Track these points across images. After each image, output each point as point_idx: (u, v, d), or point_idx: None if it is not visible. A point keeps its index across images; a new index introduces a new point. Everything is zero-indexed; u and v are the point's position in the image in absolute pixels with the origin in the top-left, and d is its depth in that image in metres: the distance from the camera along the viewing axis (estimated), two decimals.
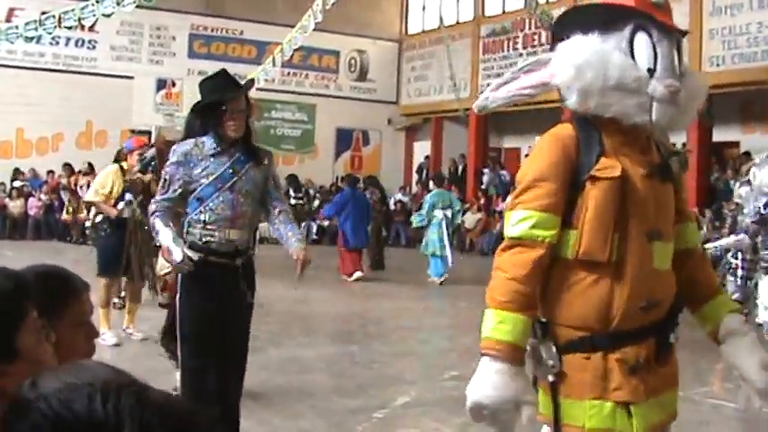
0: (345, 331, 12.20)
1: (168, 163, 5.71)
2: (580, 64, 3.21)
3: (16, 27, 20.66)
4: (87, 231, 11.83)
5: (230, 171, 5.63)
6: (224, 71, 5.94)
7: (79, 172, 25.27)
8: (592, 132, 3.25)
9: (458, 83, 25.90)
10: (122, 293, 10.98)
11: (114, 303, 10.88)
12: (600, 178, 3.13)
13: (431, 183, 22.18)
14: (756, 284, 10.38)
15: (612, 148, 3.22)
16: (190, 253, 5.47)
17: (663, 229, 3.25)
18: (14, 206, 24.97)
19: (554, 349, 3.18)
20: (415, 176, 31.15)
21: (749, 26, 20.33)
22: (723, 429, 7.43)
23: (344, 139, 30.26)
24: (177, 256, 5.46)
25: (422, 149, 31.26)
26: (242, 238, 5.70)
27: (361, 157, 30.73)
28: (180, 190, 5.63)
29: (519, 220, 3.19)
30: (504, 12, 27.52)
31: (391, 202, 26.95)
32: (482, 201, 27.24)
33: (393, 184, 28.48)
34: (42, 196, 25.37)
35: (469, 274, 17.51)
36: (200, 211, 5.60)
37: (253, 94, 24.69)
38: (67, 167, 25.87)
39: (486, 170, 28.02)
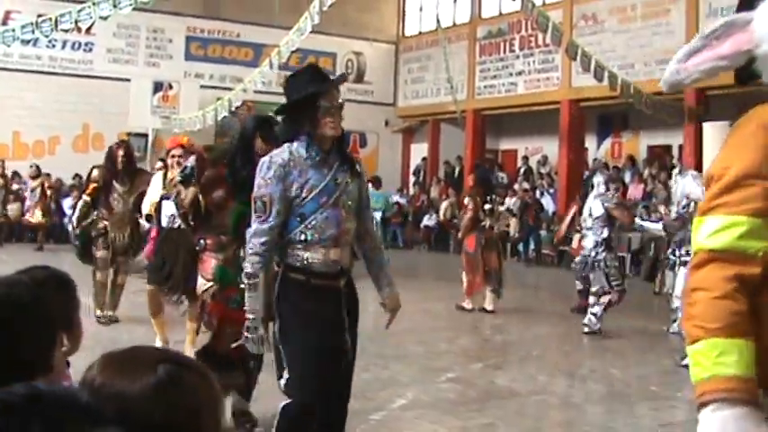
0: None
1: (262, 179, 4.88)
2: None
3: (13, 30, 20.71)
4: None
5: (333, 183, 4.95)
6: (313, 65, 5.33)
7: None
8: None
9: (455, 85, 25.91)
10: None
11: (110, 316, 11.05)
12: None
13: (369, 184, 22.77)
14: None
15: None
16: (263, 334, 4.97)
17: None
18: (11, 209, 24.91)
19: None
20: (412, 178, 31.16)
21: None
22: None
23: None
24: (255, 333, 4.94)
25: (419, 151, 31.25)
26: (345, 257, 5.06)
27: (358, 159, 30.63)
28: (282, 212, 4.87)
29: (721, 227, 2.42)
30: (500, 14, 27.50)
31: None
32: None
33: (390, 186, 28.48)
34: None
35: None
36: (302, 231, 4.88)
37: (250, 96, 24.79)
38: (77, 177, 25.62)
39: None
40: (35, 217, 24.00)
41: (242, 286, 5.14)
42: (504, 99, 26.93)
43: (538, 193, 24.48)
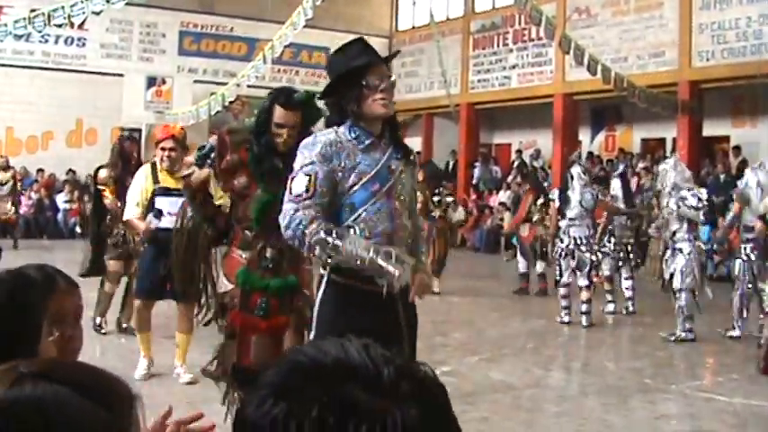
0: None
1: (306, 156, 4.29)
2: None
3: (5, 25, 20.67)
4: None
5: (386, 170, 4.37)
6: (361, 39, 4.73)
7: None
8: None
9: (448, 79, 25.91)
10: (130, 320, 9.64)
11: (125, 328, 10.07)
12: None
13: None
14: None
15: None
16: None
17: None
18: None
19: None
20: None
21: (738, 21, 20.38)
22: (714, 423, 7.44)
23: None
24: (400, 270, 4.16)
25: (413, 145, 30.77)
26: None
27: None
28: (327, 194, 4.25)
29: None
30: (494, 7, 27.54)
31: None
32: (473, 196, 27.27)
33: None
34: (33, 195, 25.31)
35: (461, 270, 17.51)
36: (350, 225, 4.26)
37: (243, 91, 24.79)
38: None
39: (476, 165, 28.08)
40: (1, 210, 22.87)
41: (266, 289, 4.93)
42: (498, 93, 26.98)
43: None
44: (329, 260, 4.21)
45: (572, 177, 12.47)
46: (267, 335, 5.38)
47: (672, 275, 11.19)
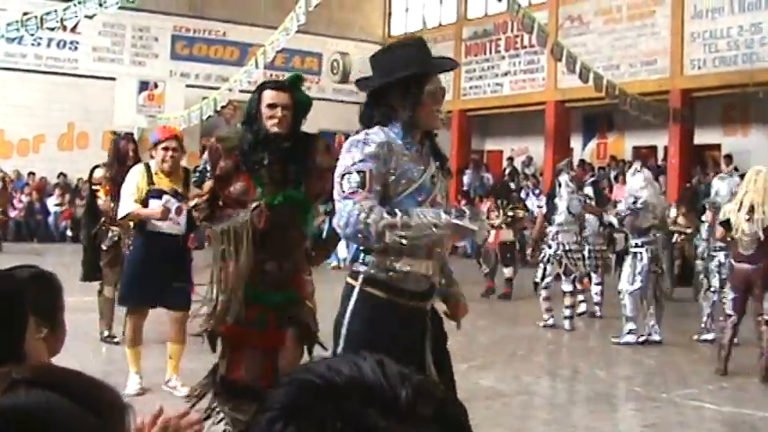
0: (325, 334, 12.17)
1: (359, 153, 4.04)
2: None
3: None
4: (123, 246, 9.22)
5: (430, 181, 4.17)
6: (420, 39, 4.51)
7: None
8: None
9: None
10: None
11: (109, 337, 9.80)
12: None
13: None
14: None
15: None
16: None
17: None
18: None
19: None
20: None
21: (730, 30, 20.44)
22: (703, 431, 7.46)
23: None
24: (479, 226, 4.02)
25: None
26: (437, 273, 4.25)
27: None
28: (379, 195, 4.00)
29: None
30: (486, 14, 27.56)
31: None
32: (463, 202, 27.23)
33: None
34: (23, 198, 25.26)
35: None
36: None
37: (235, 96, 24.76)
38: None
39: (467, 171, 28.06)
40: None
41: (266, 303, 4.78)
42: (490, 100, 27.00)
43: (523, 193, 24.46)
44: (404, 241, 3.91)
45: (560, 185, 12.75)
46: (260, 349, 5.23)
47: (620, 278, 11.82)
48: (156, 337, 8.90)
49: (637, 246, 11.48)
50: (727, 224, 9.70)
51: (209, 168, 5.46)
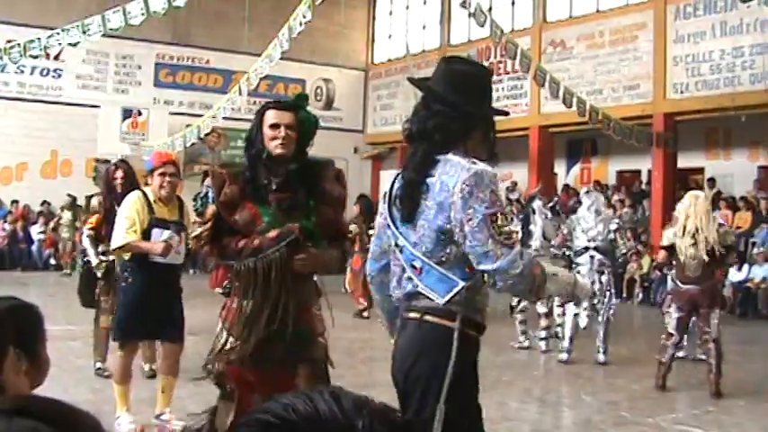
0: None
1: (499, 196, 3.85)
2: None
3: None
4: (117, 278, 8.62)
5: None
6: (490, 71, 4.37)
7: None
8: None
9: None
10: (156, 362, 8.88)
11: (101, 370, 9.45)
12: None
13: None
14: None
15: None
16: None
17: None
18: None
19: None
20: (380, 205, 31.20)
21: (712, 53, 20.57)
22: None
23: None
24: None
25: (388, 178, 31.17)
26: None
27: None
28: None
29: None
30: (469, 40, 27.67)
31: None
32: None
33: None
34: (6, 226, 25.17)
35: None
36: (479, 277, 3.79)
37: (218, 123, 24.72)
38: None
39: None
40: None
41: (275, 341, 4.52)
42: None
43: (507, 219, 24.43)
44: (543, 294, 3.78)
45: (533, 211, 12.99)
46: (269, 391, 4.66)
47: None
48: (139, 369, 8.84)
49: (580, 265, 11.99)
50: (670, 248, 10.04)
51: (210, 195, 5.21)
